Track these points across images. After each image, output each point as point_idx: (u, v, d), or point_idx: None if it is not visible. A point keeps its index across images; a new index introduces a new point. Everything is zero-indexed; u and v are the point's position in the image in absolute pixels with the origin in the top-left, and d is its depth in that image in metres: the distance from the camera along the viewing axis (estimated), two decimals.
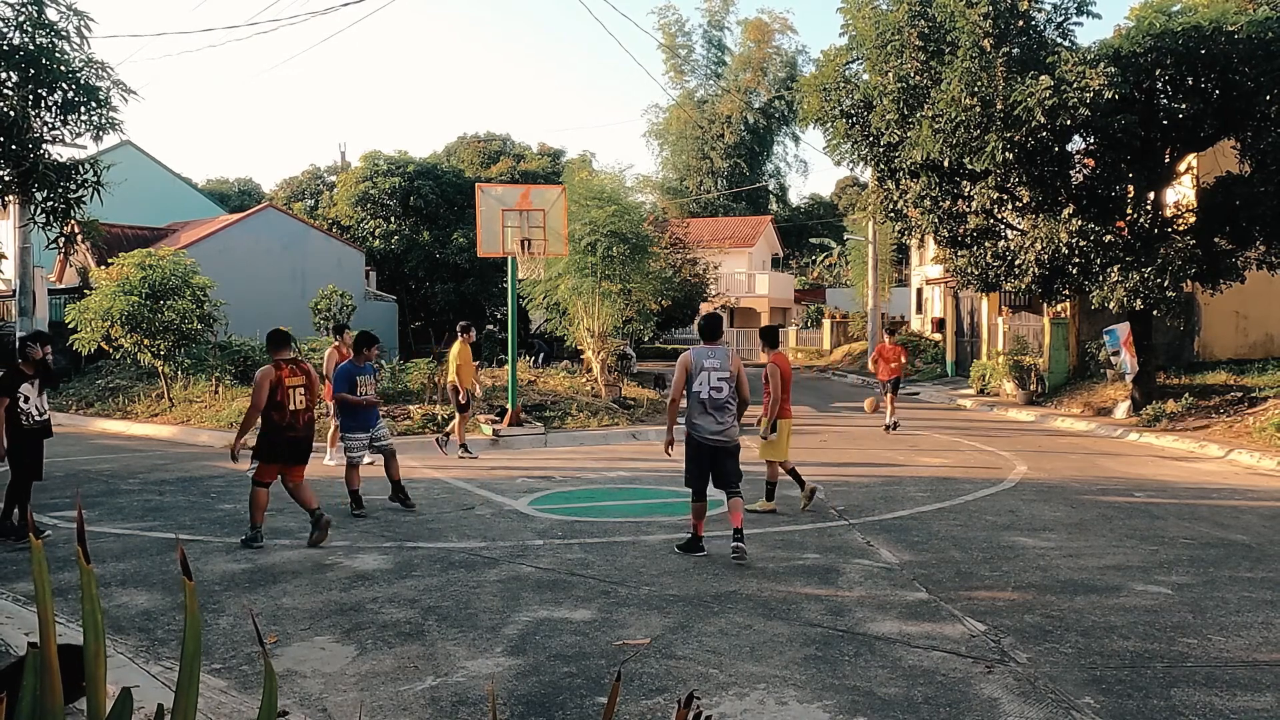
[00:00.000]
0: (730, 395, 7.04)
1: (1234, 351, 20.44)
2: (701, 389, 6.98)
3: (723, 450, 7.08)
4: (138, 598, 6.12)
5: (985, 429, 16.64)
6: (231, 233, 26.82)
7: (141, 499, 9.82)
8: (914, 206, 18.18)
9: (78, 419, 18.40)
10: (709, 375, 6.98)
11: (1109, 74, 14.03)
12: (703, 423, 7.01)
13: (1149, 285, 15.18)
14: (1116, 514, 8.92)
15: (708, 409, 7.00)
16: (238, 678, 4.72)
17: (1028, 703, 4.37)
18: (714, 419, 6.99)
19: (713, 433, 7.00)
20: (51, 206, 10.66)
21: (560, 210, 15.58)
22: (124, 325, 17.01)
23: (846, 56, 17.77)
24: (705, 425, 7.00)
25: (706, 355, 7.07)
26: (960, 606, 5.88)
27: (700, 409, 7.01)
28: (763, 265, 46.55)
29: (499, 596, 6.10)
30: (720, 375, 6.99)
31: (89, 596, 1.78)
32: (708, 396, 6.98)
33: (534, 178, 35.82)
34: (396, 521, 8.54)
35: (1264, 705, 4.36)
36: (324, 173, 43.61)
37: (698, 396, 7.00)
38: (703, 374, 6.99)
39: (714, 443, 7.02)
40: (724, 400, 7.01)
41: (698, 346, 7.21)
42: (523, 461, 12.60)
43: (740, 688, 4.55)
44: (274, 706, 1.79)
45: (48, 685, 1.74)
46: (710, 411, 6.99)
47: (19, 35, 10.10)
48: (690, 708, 1.71)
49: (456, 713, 4.28)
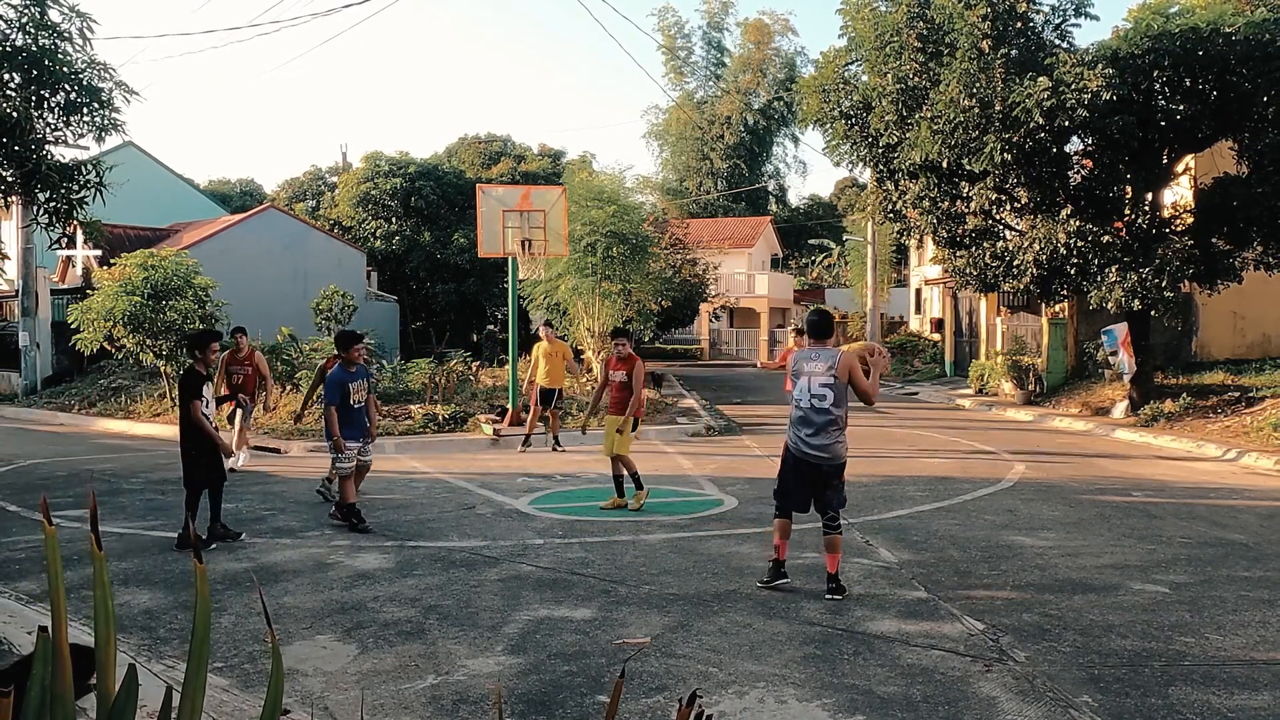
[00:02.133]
0: (835, 403, 6.07)
1: (1231, 351, 20.47)
2: (801, 396, 6.15)
3: (821, 467, 6.12)
4: (140, 596, 6.15)
5: (984, 429, 16.66)
6: (233, 233, 26.86)
7: (144, 498, 9.86)
8: (913, 207, 18.22)
9: (80, 418, 18.45)
10: (809, 380, 6.12)
11: (1107, 75, 14.07)
12: (804, 435, 6.11)
13: (1147, 285, 15.21)
14: (1114, 513, 8.95)
15: (808, 418, 6.11)
16: (239, 676, 4.74)
17: (1026, 701, 4.40)
18: (817, 432, 6.07)
19: (812, 446, 6.08)
20: (54, 207, 10.70)
21: (561, 211, 15.62)
22: (126, 325, 17.06)
23: (846, 58, 17.82)
24: (806, 439, 6.09)
25: (808, 357, 6.20)
26: (959, 605, 5.91)
27: (799, 418, 6.16)
28: (762, 266, 46.57)
29: (500, 595, 6.13)
30: (823, 381, 6.06)
31: (100, 584, 1.80)
32: (808, 405, 6.10)
33: (534, 178, 35.87)
34: (398, 521, 8.57)
35: (1261, 703, 4.39)
36: (325, 173, 43.67)
37: (796, 404, 6.19)
38: (802, 379, 6.16)
39: (812, 458, 6.09)
40: (828, 409, 6.06)
41: (802, 347, 6.38)
42: (523, 461, 12.63)
43: (740, 686, 4.58)
44: (280, 691, 1.81)
45: (58, 672, 1.75)
46: (809, 423, 6.10)
47: (22, 36, 10.13)
48: (693, 706, 1.73)
49: (457, 711, 4.30)
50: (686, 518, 8.78)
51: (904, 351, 33.86)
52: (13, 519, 8.80)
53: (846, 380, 6.07)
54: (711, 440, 15.22)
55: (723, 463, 12.34)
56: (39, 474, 11.76)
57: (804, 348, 6.31)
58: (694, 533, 8.09)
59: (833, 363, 6.08)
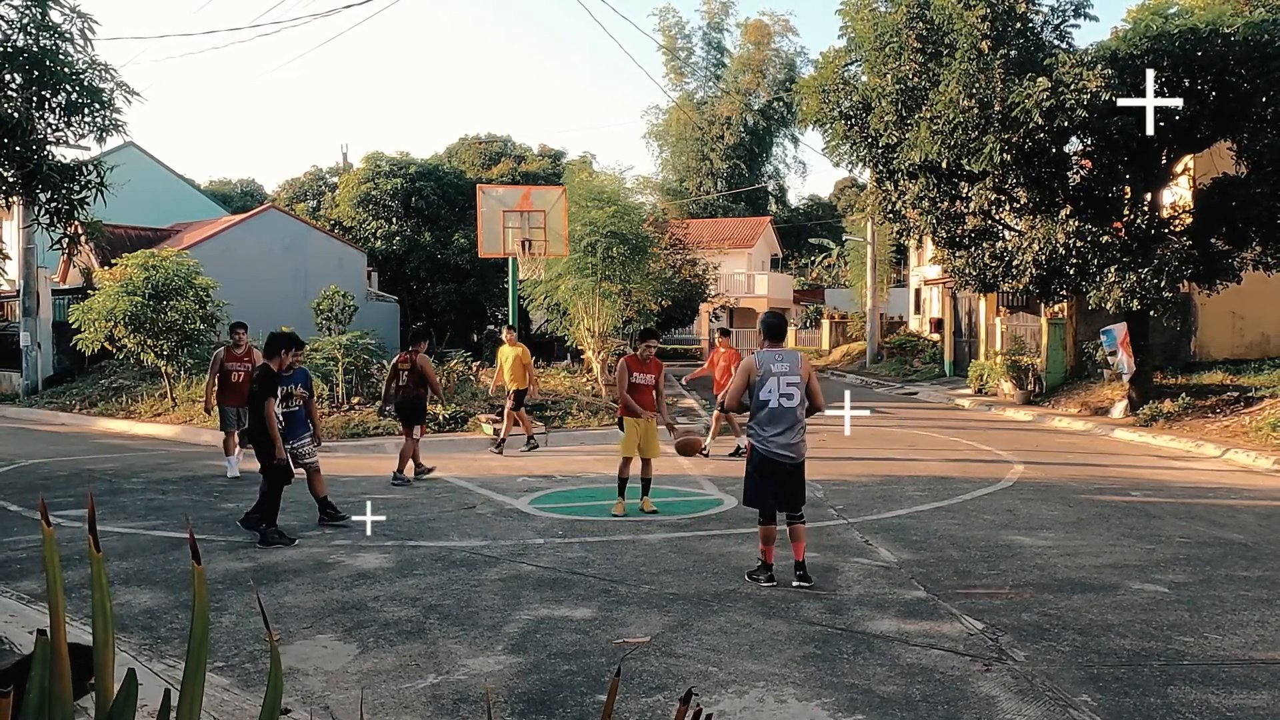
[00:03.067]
0: (802, 403, 6.29)
1: (1230, 351, 20.48)
2: (770, 396, 6.22)
3: (790, 466, 6.32)
4: (141, 596, 6.16)
5: (983, 429, 16.67)
6: (234, 233, 26.86)
7: (145, 498, 9.87)
8: (912, 207, 18.23)
9: (81, 418, 18.46)
10: (778, 381, 6.22)
11: (1106, 75, 14.08)
12: (772, 435, 6.24)
13: (1146, 286, 15.21)
14: (1113, 513, 8.96)
15: (778, 419, 6.23)
16: (240, 675, 4.75)
17: (1025, 700, 4.40)
18: (785, 431, 6.23)
19: (782, 446, 6.24)
20: (55, 208, 10.71)
21: (561, 211, 15.64)
22: (127, 325, 17.08)
23: (845, 58, 17.83)
24: (775, 438, 6.23)
25: (774, 359, 6.30)
26: (958, 605, 5.92)
27: (769, 419, 6.24)
28: (762, 266, 46.63)
29: (500, 595, 6.14)
30: (791, 381, 6.23)
31: (99, 585, 1.80)
32: (778, 405, 6.22)
33: (535, 179, 35.85)
34: (398, 520, 8.58)
35: (1260, 703, 4.39)
36: (326, 174, 43.66)
37: (766, 405, 6.23)
38: (770, 380, 6.23)
39: (782, 458, 6.26)
40: (795, 409, 6.25)
41: (763, 349, 6.45)
42: (523, 461, 12.64)
43: (740, 685, 4.59)
44: (280, 690, 1.82)
45: (57, 673, 1.75)
46: (781, 422, 6.23)
47: (23, 37, 10.15)
48: (689, 704, 1.74)
49: (458, 710, 4.31)
50: (686, 517, 8.80)
51: (903, 351, 33.88)
52: (14, 519, 8.82)
53: (808, 379, 6.33)
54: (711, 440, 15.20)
55: (722, 463, 12.35)
56: (40, 474, 11.77)
57: (765, 349, 6.42)
58: (694, 532, 8.11)
59: (796, 364, 6.33)
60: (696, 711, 1.75)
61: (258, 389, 7.87)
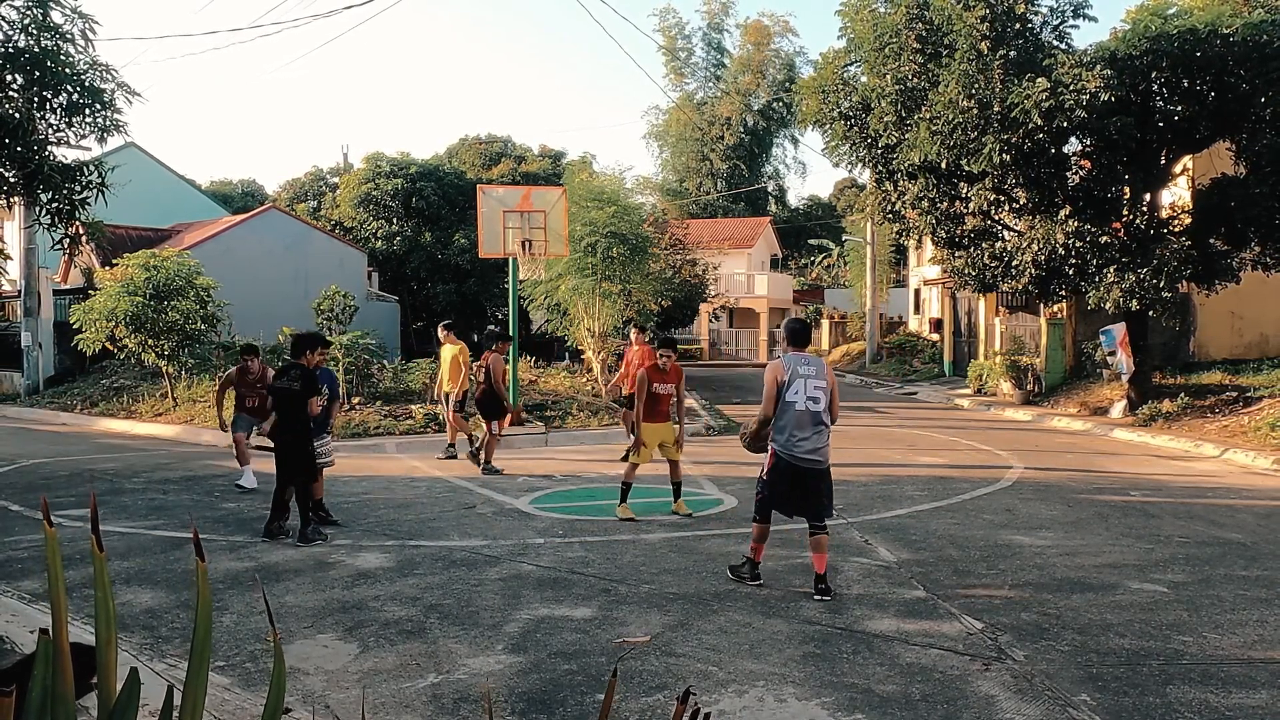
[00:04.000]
0: (827, 409, 6.24)
1: (1229, 351, 20.50)
2: (797, 399, 6.15)
3: (815, 472, 6.21)
4: (142, 595, 6.17)
5: (982, 428, 16.68)
6: (235, 234, 26.89)
7: (146, 498, 9.88)
8: (912, 208, 18.25)
9: (82, 418, 18.48)
10: (805, 384, 6.17)
11: (1105, 76, 14.10)
12: (799, 440, 6.14)
13: (1145, 286, 15.23)
14: (1113, 513, 8.97)
15: (804, 424, 6.15)
16: (241, 675, 4.77)
17: (1024, 700, 4.41)
18: (811, 436, 6.15)
19: (808, 451, 6.14)
20: (56, 208, 10.74)
21: (561, 211, 15.64)
22: (128, 325, 17.09)
23: (845, 59, 17.85)
24: (800, 443, 6.13)
25: (801, 362, 6.27)
26: (958, 604, 5.93)
27: (796, 423, 6.15)
28: (762, 266, 46.62)
29: (500, 594, 6.15)
30: (818, 385, 6.20)
31: (101, 584, 1.81)
32: (804, 408, 6.14)
33: (535, 179, 35.88)
34: (399, 520, 8.60)
35: (1258, 702, 4.41)
36: (327, 174, 43.70)
37: (792, 408, 6.15)
38: (798, 381, 6.18)
39: (807, 463, 6.15)
40: (821, 413, 6.19)
41: (788, 353, 6.45)
42: (524, 461, 12.66)
43: (739, 685, 4.60)
44: (282, 690, 1.83)
45: (59, 672, 1.76)
46: (807, 426, 6.15)
47: (24, 38, 10.17)
48: (687, 703, 1.75)
49: (458, 710, 4.33)
50: (685, 517, 8.80)
51: (903, 351, 33.90)
52: (15, 518, 8.83)
53: (831, 387, 6.34)
54: (711, 440, 15.24)
55: (723, 463, 12.36)
56: (41, 474, 11.78)
57: (789, 354, 6.46)
58: (694, 532, 8.12)
59: (822, 369, 6.35)
60: (695, 711, 1.76)
61: (300, 388, 7.88)
